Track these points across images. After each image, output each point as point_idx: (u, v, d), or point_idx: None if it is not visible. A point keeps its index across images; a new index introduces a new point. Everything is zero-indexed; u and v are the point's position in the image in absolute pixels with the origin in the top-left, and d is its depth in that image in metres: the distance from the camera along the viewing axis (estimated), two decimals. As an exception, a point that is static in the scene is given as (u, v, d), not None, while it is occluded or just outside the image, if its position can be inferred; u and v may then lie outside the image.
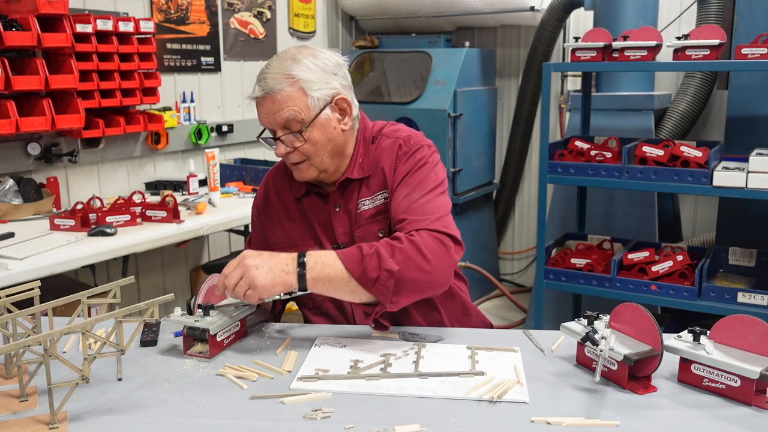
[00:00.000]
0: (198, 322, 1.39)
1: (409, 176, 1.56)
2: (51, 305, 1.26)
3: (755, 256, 2.88)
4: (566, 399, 1.21)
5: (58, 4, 2.62)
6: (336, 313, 1.66)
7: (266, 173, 1.79)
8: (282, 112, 1.49)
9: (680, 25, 3.81)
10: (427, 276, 1.40)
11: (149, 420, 1.13)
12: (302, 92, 1.49)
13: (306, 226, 1.66)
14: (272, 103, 1.49)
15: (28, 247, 2.27)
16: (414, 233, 1.43)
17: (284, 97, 1.48)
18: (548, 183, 2.92)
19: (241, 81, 3.90)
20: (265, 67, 1.53)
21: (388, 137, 1.63)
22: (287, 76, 1.49)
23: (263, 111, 1.51)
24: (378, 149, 1.62)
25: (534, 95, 4.18)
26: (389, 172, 1.58)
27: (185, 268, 3.65)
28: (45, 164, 2.92)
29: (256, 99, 1.51)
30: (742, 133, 3.04)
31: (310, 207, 1.66)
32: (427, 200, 1.51)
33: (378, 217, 1.59)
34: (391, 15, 4.38)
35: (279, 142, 1.52)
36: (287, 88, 1.48)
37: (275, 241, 1.70)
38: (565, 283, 2.97)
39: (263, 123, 1.54)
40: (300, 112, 1.49)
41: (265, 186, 1.76)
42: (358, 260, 1.39)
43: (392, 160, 1.59)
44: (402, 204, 1.52)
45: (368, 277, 1.38)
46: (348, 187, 1.62)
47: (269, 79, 1.49)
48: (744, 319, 1.23)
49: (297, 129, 1.50)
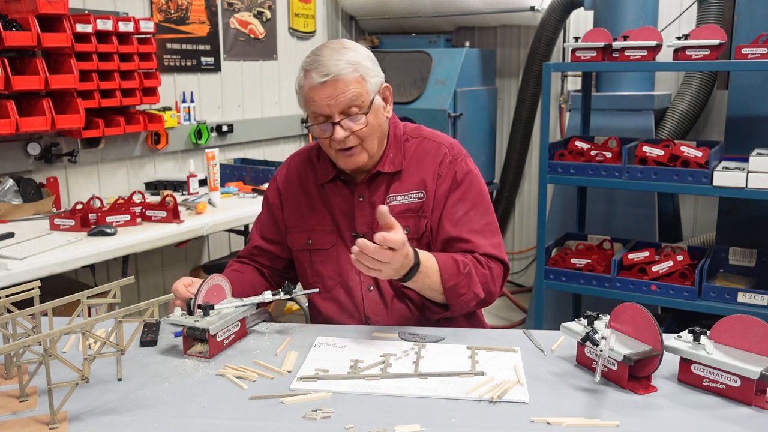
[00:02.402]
0: (198, 322, 1.39)
1: (464, 190, 1.64)
2: (51, 305, 1.26)
3: (755, 256, 2.88)
4: (566, 399, 1.21)
5: (58, 4, 2.62)
6: (346, 300, 1.68)
7: (287, 158, 1.82)
8: (346, 95, 1.52)
9: (680, 25, 3.81)
10: (490, 300, 1.62)
11: (149, 420, 1.13)
12: (362, 78, 1.55)
13: (325, 213, 1.69)
14: (335, 87, 1.52)
15: (28, 247, 2.27)
16: (491, 262, 1.61)
17: (348, 81, 1.52)
18: (548, 183, 2.92)
19: (241, 81, 3.90)
20: (316, 56, 1.56)
21: (429, 140, 1.70)
22: (349, 62, 1.54)
23: (323, 95, 1.53)
24: (416, 149, 1.68)
25: (534, 95, 4.18)
26: (431, 177, 1.64)
27: (185, 268, 3.65)
28: (45, 164, 2.92)
29: (317, 84, 1.52)
30: (742, 133, 3.03)
31: (334, 194, 1.69)
32: (487, 222, 1.65)
33: (407, 215, 1.64)
34: (391, 15, 4.38)
35: (338, 126, 1.54)
36: (351, 73, 1.53)
37: (292, 225, 1.73)
38: (565, 283, 2.97)
39: (318, 109, 1.54)
40: (361, 96, 1.54)
41: (286, 170, 1.78)
42: (455, 274, 1.53)
43: (435, 165, 1.65)
44: (463, 221, 1.62)
45: (457, 292, 1.54)
46: (376, 180, 1.66)
47: (330, 65, 1.52)
48: (744, 319, 1.23)
49: (357, 112, 1.54)
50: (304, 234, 1.71)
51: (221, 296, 1.52)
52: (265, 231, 1.78)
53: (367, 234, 1.62)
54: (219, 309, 1.46)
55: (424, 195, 1.65)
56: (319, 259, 1.70)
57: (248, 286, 1.68)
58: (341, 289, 1.68)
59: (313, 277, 1.71)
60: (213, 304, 1.45)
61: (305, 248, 1.71)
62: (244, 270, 1.76)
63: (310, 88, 1.54)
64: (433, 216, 1.64)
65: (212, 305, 1.44)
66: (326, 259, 1.69)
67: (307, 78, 1.55)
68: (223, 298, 1.53)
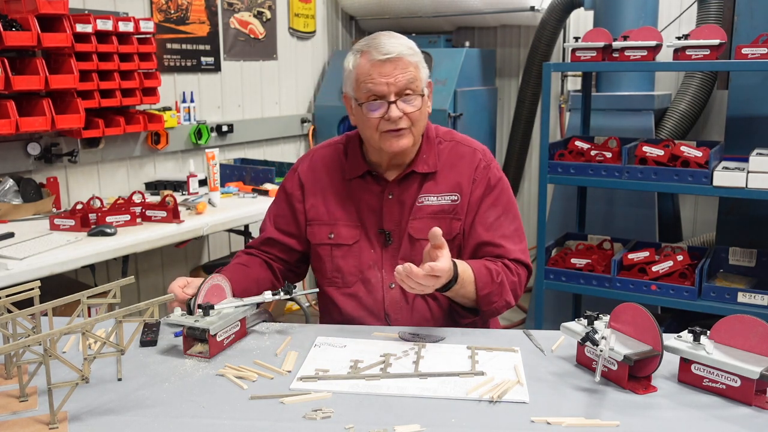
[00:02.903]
0: (198, 322, 1.39)
1: (496, 195, 1.68)
2: (51, 305, 1.26)
3: (755, 256, 2.88)
4: (566, 399, 1.21)
5: (58, 4, 2.62)
6: (366, 297, 1.68)
7: (309, 151, 1.83)
8: (405, 75, 1.56)
9: (680, 25, 3.81)
10: (515, 303, 1.66)
11: (149, 420, 1.13)
12: (418, 65, 1.61)
13: (351, 208, 1.70)
14: (395, 65, 1.56)
15: (28, 247, 2.27)
16: (519, 268, 1.65)
17: (407, 62, 1.58)
18: (548, 183, 2.92)
19: (241, 81, 3.90)
20: (372, 39, 1.60)
21: (463, 144, 1.73)
22: (409, 48, 1.60)
23: (383, 72, 1.55)
24: (450, 152, 1.71)
25: (534, 95, 4.18)
26: (467, 181, 1.68)
27: (185, 268, 3.65)
28: (45, 164, 2.92)
29: (377, 62, 1.55)
30: (742, 133, 3.03)
31: (362, 189, 1.70)
32: (516, 228, 1.69)
33: (439, 216, 1.66)
34: (391, 15, 4.38)
35: (393, 105, 1.56)
36: (411, 55, 1.59)
37: (314, 217, 1.72)
38: (565, 283, 2.97)
39: (375, 87, 1.56)
40: (417, 80, 1.59)
41: (310, 161, 1.78)
42: (488, 283, 1.56)
43: (471, 169, 1.69)
44: (495, 226, 1.66)
45: (490, 300, 1.58)
46: (409, 179, 1.67)
47: (389, 46, 1.56)
48: (744, 319, 1.23)
49: (412, 95, 1.58)
50: (327, 228, 1.71)
51: (221, 296, 1.53)
52: (281, 222, 1.77)
53: (394, 232, 1.66)
54: (219, 309, 1.46)
55: (458, 198, 1.66)
56: (340, 254, 1.69)
57: (252, 283, 1.67)
58: (362, 286, 1.68)
59: (333, 272, 1.71)
60: (213, 304, 1.45)
61: (327, 242, 1.71)
62: (251, 264, 1.73)
63: (371, 65, 1.56)
64: (467, 219, 1.66)
65: (212, 305, 1.44)
66: (348, 254, 1.69)
67: (364, 57, 1.58)
68: (223, 298, 1.53)
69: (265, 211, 1.85)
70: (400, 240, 1.67)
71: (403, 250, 1.66)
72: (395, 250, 1.67)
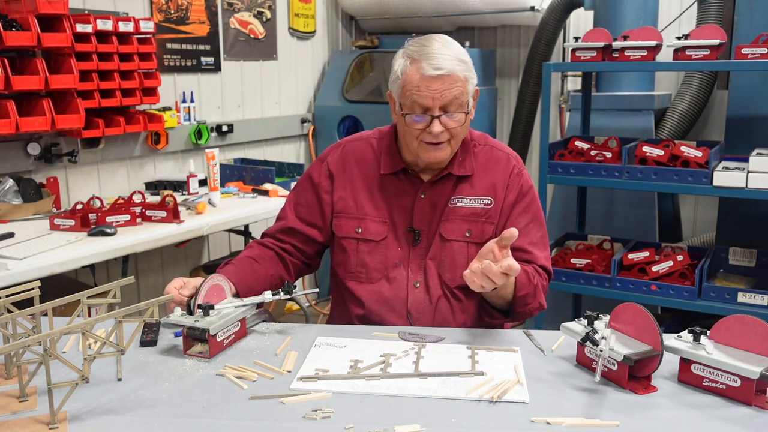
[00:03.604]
0: (198, 322, 1.39)
1: (528, 202, 1.70)
2: (51, 305, 1.26)
3: (755, 256, 2.88)
4: (566, 399, 1.21)
5: (58, 4, 2.62)
6: (390, 294, 1.67)
7: (339, 142, 1.80)
8: (452, 92, 1.54)
9: (680, 25, 3.81)
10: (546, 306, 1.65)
11: (149, 420, 1.13)
12: (467, 78, 1.58)
13: (381, 204, 1.69)
14: (444, 82, 1.53)
15: (28, 247, 2.27)
16: (546, 276, 1.67)
17: (456, 78, 1.55)
18: (548, 183, 2.92)
19: (241, 81, 3.90)
20: (425, 47, 1.56)
21: (497, 149, 1.74)
22: (459, 60, 1.56)
23: (431, 88, 1.53)
24: (485, 156, 1.71)
25: (534, 95, 4.18)
26: (501, 186, 1.69)
27: (185, 268, 3.65)
28: (45, 164, 2.92)
29: (428, 77, 1.53)
30: (742, 133, 3.03)
31: (395, 186, 1.70)
32: (542, 235, 1.71)
33: (471, 218, 1.67)
34: (391, 15, 4.38)
35: (436, 120, 1.55)
36: (462, 71, 1.56)
37: (341, 209, 1.71)
38: (565, 283, 2.97)
39: (422, 100, 1.55)
40: (463, 95, 1.57)
41: (341, 153, 1.76)
42: (526, 284, 1.57)
43: (506, 175, 1.70)
44: (524, 232, 1.65)
45: (525, 302, 1.59)
46: (443, 180, 1.68)
47: (442, 59, 1.54)
48: (744, 319, 1.23)
49: (456, 110, 1.56)
50: (355, 221, 1.70)
51: (221, 296, 1.52)
52: (305, 213, 1.74)
53: (423, 232, 1.66)
54: (219, 309, 1.46)
55: (491, 202, 1.67)
56: (366, 249, 1.69)
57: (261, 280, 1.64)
58: (386, 282, 1.68)
59: (357, 266, 1.70)
60: (213, 304, 1.45)
61: (353, 236, 1.70)
62: (261, 259, 1.70)
63: (421, 78, 1.54)
64: (499, 223, 1.67)
65: (212, 305, 1.44)
66: (374, 250, 1.68)
67: (414, 66, 1.55)
68: (223, 298, 1.53)
69: (265, 210, 1.85)
70: (429, 240, 1.67)
71: (432, 250, 1.66)
72: (423, 249, 1.67)
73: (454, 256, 1.65)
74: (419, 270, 1.67)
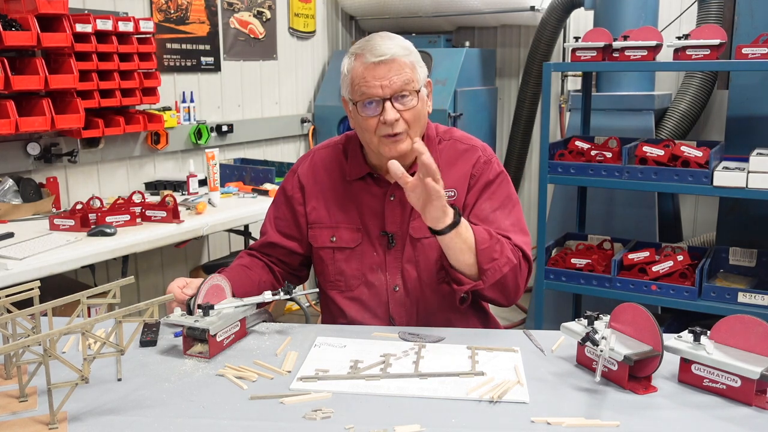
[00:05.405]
0: (198, 322, 1.39)
1: (493, 190, 1.66)
2: (51, 305, 1.26)
3: (755, 256, 2.88)
4: (566, 399, 1.21)
5: (58, 4, 2.62)
6: (370, 300, 1.66)
7: (309, 151, 1.80)
8: (401, 76, 1.54)
9: (680, 25, 3.81)
10: (517, 295, 1.59)
11: (149, 420, 1.13)
12: (414, 64, 1.59)
13: (352, 211, 1.68)
14: (389, 67, 1.54)
15: (28, 247, 2.27)
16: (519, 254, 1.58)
17: (402, 63, 1.56)
18: (548, 183, 2.92)
19: (240, 81, 3.90)
20: (367, 42, 1.58)
21: (461, 142, 1.72)
22: (404, 48, 1.58)
23: (377, 75, 1.53)
24: (449, 151, 1.69)
25: (534, 95, 4.18)
26: (463, 177, 1.67)
27: (185, 268, 3.65)
28: (45, 164, 2.92)
29: (371, 64, 1.53)
30: (743, 133, 3.03)
31: (363, 191, 1.68)
32: (513, 222, 1.65)
33: None
34: (391, 15, 4.38)
35: (388, 104, 1.54)
36: (405, 56, 1.57)
37: (316, 220, 1.70)
38: (565, 283, 2.97)
39: (370, 90, 1.54)
40: (413, 81, 1.56)
41: (311, 163, 1.76)
42: (487, 239, 1.52)
43: (469, 166, 1.68)
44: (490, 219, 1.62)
45: (490, 256, 1.51)
46: None
47: (384, 47, 1.55)
48: (744, 319, 1.23)
49: (407, 95, 1.56)
50: (328, 231, 1.69)
51: (221, 296, 1.52)
52: (283, 226, 1.75)
53: (397, 234, 1.65)
54: (219, 309, 1.46)
55: (455, 194, 1.65)
56: (342, 257, 1.68)
57: (253, 285, 1.65)
58: (365, 289, 1.67)
59: (335, 275, 1.69)
60: (213, 304, 1.45)
61: (328, 246, 1.69)
62: (252, 266, 1.72)
63: (364, 68, 1.54)
64: (464, 214, 1.64)
65: (212, 305, 1.44)
66: (350, 257, 1.68)
67: (358, 60, 1.56)
68: (223, 298, 1.53)
69: (265, 210, 1.85)
70: (403, 242, 1.66)
71: (407, 252, 1.65)
72: (399, 252, 1.66)
73: (427, 253, 1.64)
74: (397, 273, 1.65)
